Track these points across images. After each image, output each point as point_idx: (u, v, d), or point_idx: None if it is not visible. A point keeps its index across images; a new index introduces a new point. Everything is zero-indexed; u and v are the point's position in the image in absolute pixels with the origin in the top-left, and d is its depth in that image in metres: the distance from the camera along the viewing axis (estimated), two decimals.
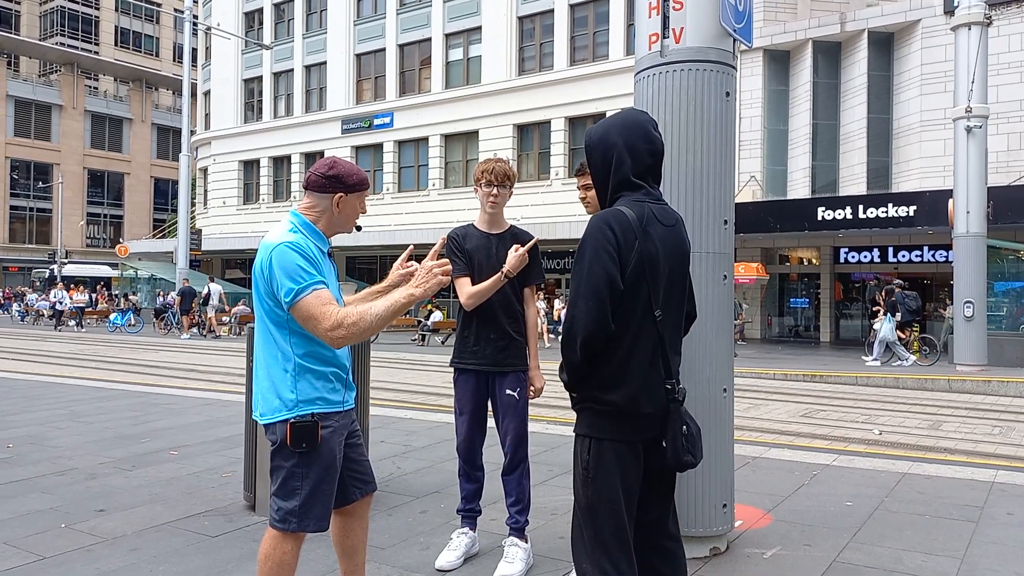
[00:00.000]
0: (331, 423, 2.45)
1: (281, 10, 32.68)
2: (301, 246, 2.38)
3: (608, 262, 2.11)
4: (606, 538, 2.17)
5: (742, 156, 20.16)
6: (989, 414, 9.18)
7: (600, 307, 2.10)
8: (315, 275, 2.34)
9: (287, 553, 2.44)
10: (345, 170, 2.50)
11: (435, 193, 27.82)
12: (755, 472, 5.24)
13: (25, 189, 50.64)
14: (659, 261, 2.19)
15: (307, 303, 2.31)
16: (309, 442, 2.38)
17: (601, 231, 2.14)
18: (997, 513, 4.31)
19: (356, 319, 2.30)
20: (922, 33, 18.36)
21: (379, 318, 2.32)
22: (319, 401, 2.43)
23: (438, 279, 2.34)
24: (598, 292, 2.11)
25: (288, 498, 2.41)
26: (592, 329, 2.11)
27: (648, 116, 2.32)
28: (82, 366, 13.83)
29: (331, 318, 2.30)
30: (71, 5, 61.02)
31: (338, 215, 2.51)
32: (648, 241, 2.17)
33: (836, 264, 21.15)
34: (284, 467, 2.42)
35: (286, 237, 2.40)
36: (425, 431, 6.63)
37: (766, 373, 13.31)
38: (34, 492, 4.62)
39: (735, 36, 3.53)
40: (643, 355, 2.17)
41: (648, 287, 2.17)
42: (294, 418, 2.39)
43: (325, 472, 2.44)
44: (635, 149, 2.24)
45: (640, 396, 2.17)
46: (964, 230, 13.77)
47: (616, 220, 2.15)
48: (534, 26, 25.87)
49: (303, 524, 2.42)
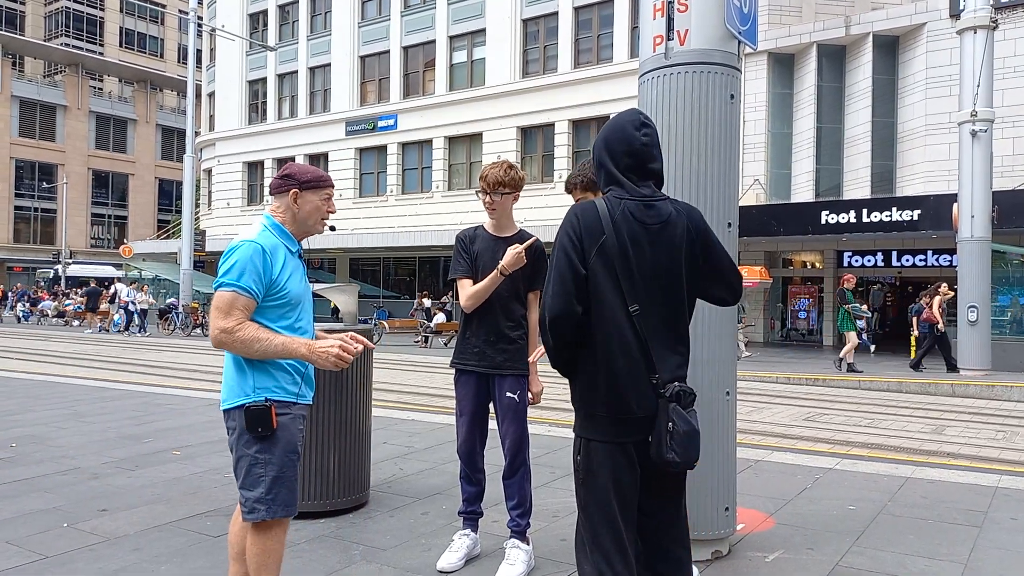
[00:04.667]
0: (289, 411, 2.55)
1: (285, 12, 32.73)
2: (268, 246, 2.52)
3: (568, 246, 2.20)
4: (602, 540, 2.17)
5: (746, 159, 20.13)
6: (993, 419, 9.15)
7: (563, 288, 2.17)
8: (249, 282, 2.46)
9: (270, 540, 2.53)
10: (298, 169, 2.67)
11: (439, 195, 27.82)
12: (757, 476, 5.23)
13: (30, 189, 50.74)
14: (629, 255, 2.19)
15: (223, 296, 2.46)
16: (264, 426, 2.46)
17: (567, 220, 2.25)
18: (1001, 518, 4.29)
19: (247, 339, 2.43)
20: (927, 37, 18.33)
21: (265, 352, 2.45)
22: (276, 389, 2.53)
23: (333, 360, 2.45)
24: (561, 275, 2.18)
25: (254, 487, 2.49)
26: (557, 310, 2.17)
27: (634, 116, 2.33)
28: (85, 366, 13.86)
29: (230, 321, 2.43)
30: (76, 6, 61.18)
31: (299, 212, 2.64)
32: (618, 235, 2.19)
33: (839, 268, 21.09)
34: (247, 455, 2.50)
35: (257, 236, 2.55)
36: (427, 432, 6.63)
37: (769, 376, 13.28)
38: (37, 492, 4.63)
39: (740, 38, 3.53)
40: (623, 351, 2.17)
41: (619, 280, 2.18)
42: (249, 403, 2.49)
43: (287, 457, 2.52)
44: (612, 149, 2.31)
45: (624, 393, 2.17)
46: (968, 234, 13.73)
47: (582, 210, 2.25)
48: (538, 28, 25.88)
49: (271, 511, 2.49)
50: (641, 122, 2.31)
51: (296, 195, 2.62)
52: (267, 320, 2.53)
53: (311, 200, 2.64)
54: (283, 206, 2.64)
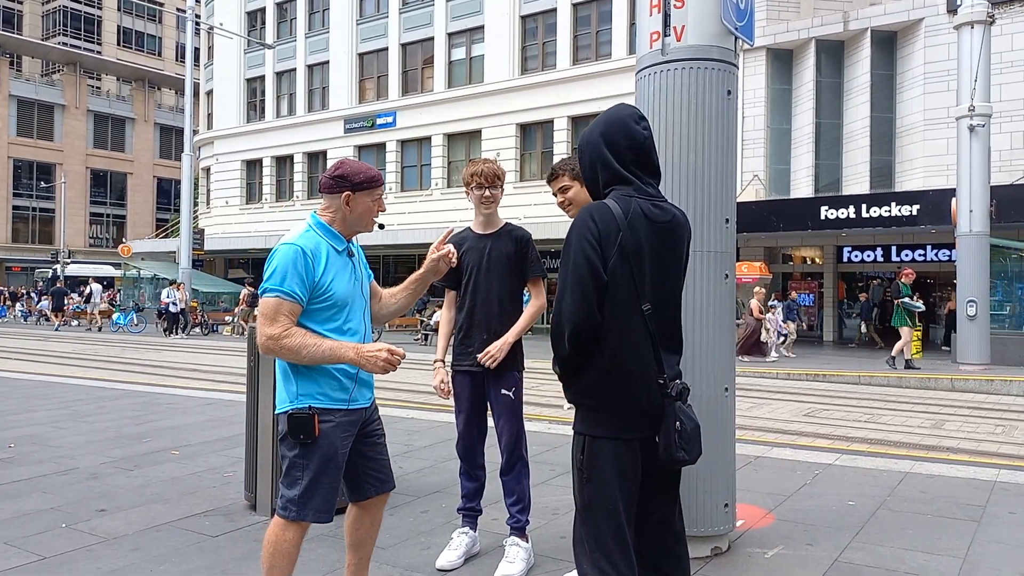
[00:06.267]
0: (332, 418, 2.52)
1: (283, 9, 32.67)
2: (309, 247, 2.48)
3: (590, 252, 2.12)
4: (604, 538, 2.15)
5: (745, 155, 20.11)
6: (992, 413, 9.16)
7: (585, 298, 2.11)
8: (293, 286, 2.43)
9: (288, 542, 2.51)
10: (351, 169, 2.59)
11: (438, 193, 27.81)
12: (757, 471, 5.23)
13: (28, 189, 50.67)
14: (643, 255, 2.18)
15: (268, 303, 2.45)
16: (306, 433, 2.47)
17: (584, 223, 2.16)
18: (999, 512, 4.29)
19: (293, 346, 2.42)
20: (925, 32, 18.31)
21: (313, 357, 2.44)
22: (320, 396, 2.51)
23: (381, 365, 2.44)
24: (582, 283, 2.12)
25: (291, 487, 2.51)
26: (578, 320, 2.12)
27: (632, 110, 2.31)
28: (84, 366, 13.86)
29: (276, 327, 2.42)
30: (74, 5, 61.05)
31: (350, 214, 2.59)
32: (633, 234, 2.16)
33: (839, 263, 21.11)
34: (288, 457, 2.53)
35: (298, 237, 2.51)
36: (427, 430, 6.63)
37: (768, 372, 13.29)
38: (35, 492, 4.62)
39: (736, 34, 3.52)
40: (634, 350, 2.16)
41: (634, 280, 2.17)
42: (292, 410, 2.49)
43: (325, 465, 2.51)
44: (615, 144, 2.25)
45: (633, 391, 2.16)
46: (967, 229, 13.73)
47: (599, 212, 2.17)
48: (537, 25, 25.85)
49: (302, 513, 2.50)
50: (639, 115, 2.30)
51: (349, 198, 2.56)
52: (313, 323, 2.50)
53: (363, 202, 2.58)
54: (333, 207, 2.58)
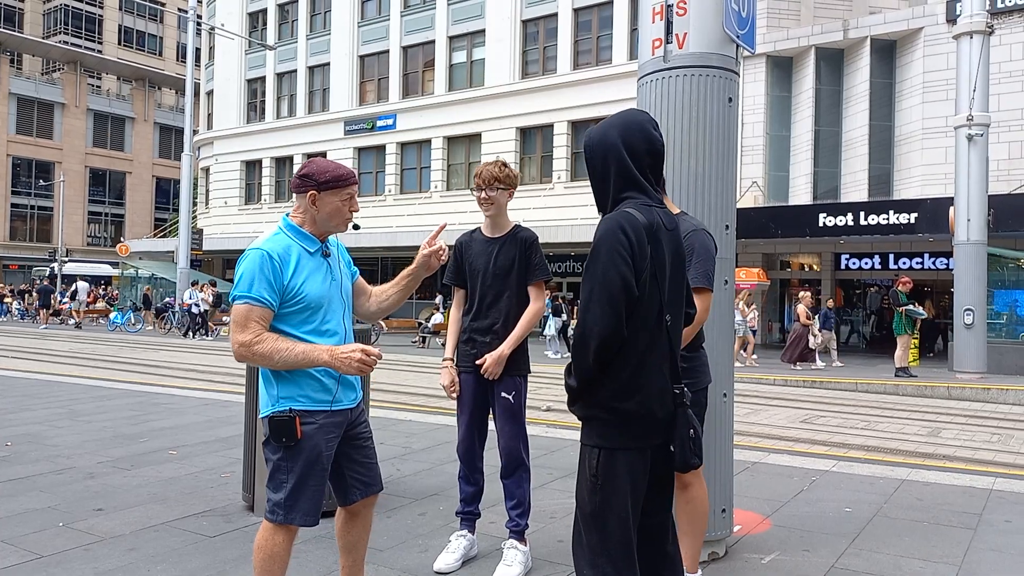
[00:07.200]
0: (315, 420, 2.49)
1: (285, 11, 32.72)
2: (277, 251, 2.45)
3: (623, 267, 2.06)
4: (612, 546, 2.15)
5: (744, 162, 20.14)
6: (988, 421, 9.17)
7: (615, 313, 2.06)
8: (262, 292, 2.42)
9: (278, 545, 2.49)
10: (317, 168, 2.53)
11: (437, 195, 27.83)
12: (754, 477, 5.24)
13: (26, 187, 50.62)
14: (666, 265, 2.20)
15: (238, 310, 2.44)
16: (287, 436, 2.45)
17: (615, 235, 2.08)
18: (995, 520, 4.30)
19: (266, 351, 2.40)
20: (924, 41, 18.37)
21: (287, 361, 2.41)
22: (301, 398, 2.49)
23: (356, 366, 2.42)
24: (612, 297, 2.06)
25: (276, 490, 2.49)
26: (607, 335, 2.07)
27: (647, 115, 2.29)
28: (82, 365, 13.83)
29: (247, 334, 2.40)
30: (75, 4, 61.05)
31: (318, 214, 2.53)
32: (658, 246, 2.16)
33: (837, 270, 21.14)
34: (271, 460, 2.51)
35: (265, 241, 2.50)
36: (425, 433, 6.63)
37: (766, 379, 13.30)
38: (32, 491, 4.62)
39: (738, 42, 3.54)
40: (656, 361, 2.17)
41: (660, 294, 2.17)
42: (273, 413, 2.48)
43: (310, 468, 2.49)
44: (634, 148, 2.20)
45: (652, 402, 2.16)
46: (965, 238, 13.76)
47: (630, 224, 2.10)
48: (538, 29, 25.90)
49: (289, 516, 2.48)
50: (655, 122, 2.29)
51: (314, 197, 2.49)
52: (289, 327, 2.47)
53: (331, 202, 2.51)
54: (302, 207, 2.54)
